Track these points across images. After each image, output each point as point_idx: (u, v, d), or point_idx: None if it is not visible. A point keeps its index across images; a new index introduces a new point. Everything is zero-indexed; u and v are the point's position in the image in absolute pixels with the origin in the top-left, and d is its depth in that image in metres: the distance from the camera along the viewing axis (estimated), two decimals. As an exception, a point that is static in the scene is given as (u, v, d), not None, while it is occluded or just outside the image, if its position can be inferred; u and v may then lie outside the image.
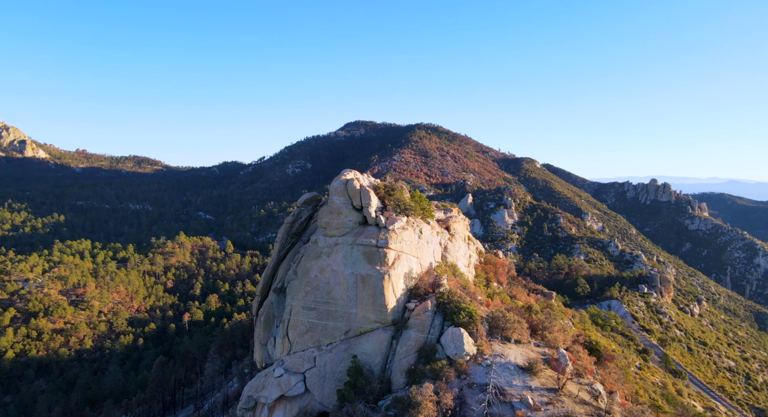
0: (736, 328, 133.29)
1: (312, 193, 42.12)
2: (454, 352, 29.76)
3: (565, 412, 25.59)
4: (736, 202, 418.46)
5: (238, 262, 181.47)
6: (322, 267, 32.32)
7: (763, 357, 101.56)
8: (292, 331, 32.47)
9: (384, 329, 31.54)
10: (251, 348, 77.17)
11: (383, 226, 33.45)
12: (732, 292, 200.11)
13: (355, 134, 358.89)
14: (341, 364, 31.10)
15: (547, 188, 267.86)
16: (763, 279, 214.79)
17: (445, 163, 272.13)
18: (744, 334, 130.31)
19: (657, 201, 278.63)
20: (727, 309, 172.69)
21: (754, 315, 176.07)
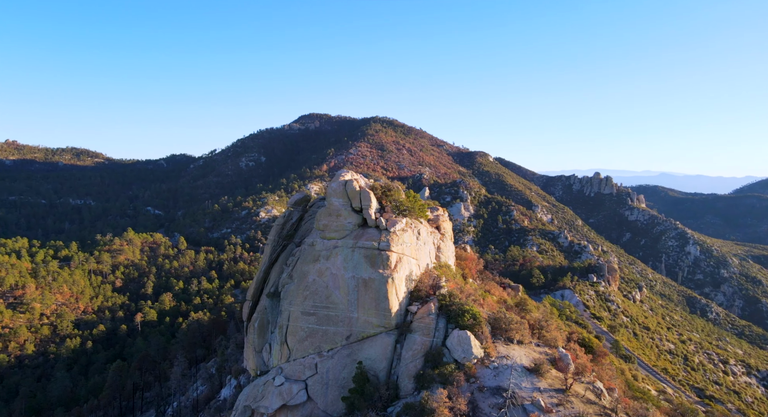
0: (672, 312, 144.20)
1: (302, 193, 41.14)
2: (462, 355, 29.55)
3: (576, 413, 25.71)
4: (668, 193, 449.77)
5: (192, 258, 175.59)
6: (321, 271, 31.67)
7: (697, 339, 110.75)
8: (291, 338, 31.65)
9: (387, 333, 31.14)
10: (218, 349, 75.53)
11: (384, 228, 32.86)
12: (666, 278, 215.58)
13: (309, 127, 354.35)
14: (344, 371, 30.53)
15: (499, 181, 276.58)
16: (693, 266, 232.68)
17: (401, 156, 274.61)
18: (679, 318, 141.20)
19: (600, 193, 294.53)
20: (662, 294, 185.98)
21: (686, 299, 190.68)
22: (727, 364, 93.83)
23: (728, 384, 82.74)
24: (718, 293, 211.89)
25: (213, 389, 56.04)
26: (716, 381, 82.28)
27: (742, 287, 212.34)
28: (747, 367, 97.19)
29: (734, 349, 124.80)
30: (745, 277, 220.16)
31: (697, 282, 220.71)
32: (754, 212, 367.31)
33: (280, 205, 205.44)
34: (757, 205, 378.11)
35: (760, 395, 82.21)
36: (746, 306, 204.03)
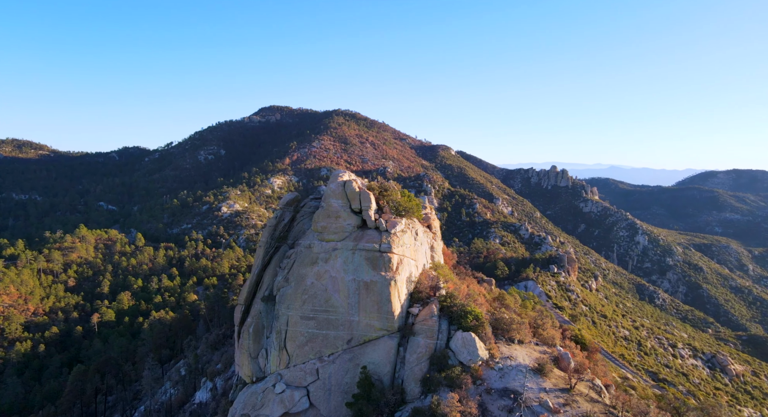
0: (624, 299, 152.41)
1: (293, 193, 39.94)
2: (468, 357, 29.14)
3: (583, 413, 25.76)
4: (618, 185, 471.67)
5: (151, 255, 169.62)
6: (319, 274, 30.79)
7: (648, 324, 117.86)
8: (290, 343, 30.69)
9: (390, 336, 30.35)
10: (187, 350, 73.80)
11: (384, 229, 32.01)
12: (618, 267, 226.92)
13: (270, 120, 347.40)
14: (347, 376, 29.73)
15: (462, 175, 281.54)
16: (642, 254, 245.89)
17: (364, 150, 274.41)
18: (631, 305, 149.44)
19: (557, 186, 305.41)
20: (615, 283, 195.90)
21: (636, 286, 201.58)
22: (675, 348, 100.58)
23: (677, 367, 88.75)
24: (664, 280, 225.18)
25: (186, 392, 54.76)
26: (667, 364, 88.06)
27: (686, 274, 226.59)
28: (693, 350, 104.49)
29: (680, 333, 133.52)
30: (688, 265, 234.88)
31: (645, 270, 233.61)
32: (695, 203, 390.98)
33: (243, 200, 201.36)
34: (697, 197, 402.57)
35: (705, 376, 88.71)
36: (689, 292, 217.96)
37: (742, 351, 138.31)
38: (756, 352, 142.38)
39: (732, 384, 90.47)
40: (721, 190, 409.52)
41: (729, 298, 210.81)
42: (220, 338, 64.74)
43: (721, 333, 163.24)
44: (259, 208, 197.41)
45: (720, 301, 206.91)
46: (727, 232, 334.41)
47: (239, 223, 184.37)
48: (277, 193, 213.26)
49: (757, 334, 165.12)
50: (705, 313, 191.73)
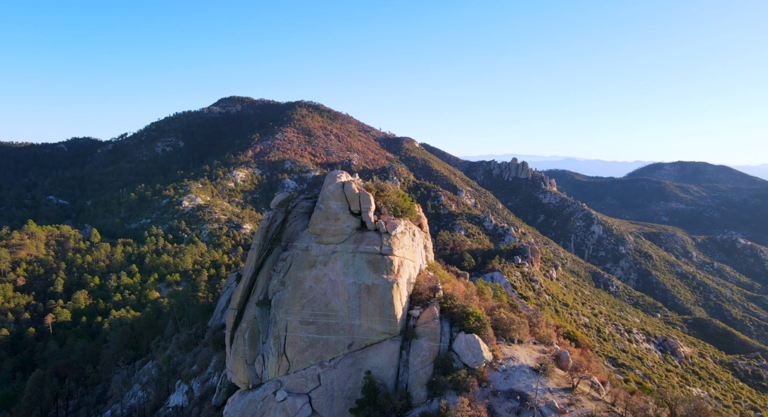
0: (582, 287, 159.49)
1: (285, 193, 38.87)
2: (473, 360, 28.89)
3: (588, 412, 25.93)
4: (574, 177, 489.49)
5: (109, 252, 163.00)
6: (318, 277, 30.06)
7: (605, 311, 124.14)
8: (290, 349, 29.87)
9: (392, 340, 29.80)
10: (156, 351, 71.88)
11: (384, 231, 31.38)
12: (575, 256, 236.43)
13: (231, 111, 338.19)
14: (349, 381, 29.15)
15: (426, 167, 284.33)
16: (597, 244, 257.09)
17: (329, 142, 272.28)
18: (588, 293, 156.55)
19: (517, 178, 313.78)
20: (573, 271, 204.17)
21: (592, 275, 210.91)
22: (631, 333, 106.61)
23: (633, 351, 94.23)
24: (617, 268, 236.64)
25: (159, 396, 53.43)
26: (623, 349, 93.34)
27: (637, 262, 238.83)
28: (647, 334, 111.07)
29: (633, 319, 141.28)
30: (639, 253, 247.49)
31: (600, 258, 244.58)
32: (644, 194, 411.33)
33: (205, 194, 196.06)
34: (646, 188, 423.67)
35: (658, 359, 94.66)
36: (640, 278, 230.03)
37: (689, 333, 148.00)
38: (700, 334, 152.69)
39: (681, 365, 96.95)
40: (668, 181, 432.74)
41: (675, 283, 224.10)
42: (191, 338, 63.41)
43: (669, 317, 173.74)
44: (222, 202, 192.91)
45: (667, 286, 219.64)
46: (673, 221, 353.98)
47: (202, 217, 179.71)
48: (240, 186, 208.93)
49: (701, 317, 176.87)
50: (654, 298, 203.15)
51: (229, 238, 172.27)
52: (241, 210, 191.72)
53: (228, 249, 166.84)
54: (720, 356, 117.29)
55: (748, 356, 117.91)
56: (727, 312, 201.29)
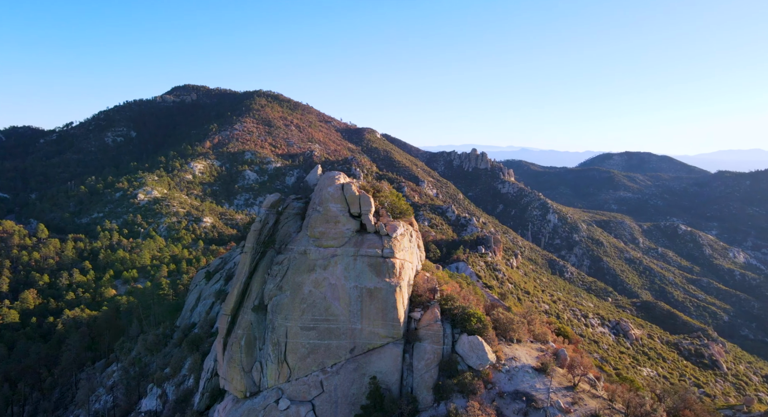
0: (541, 275, 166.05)
1: (276, 194, 37.70)
2: (477, 362, 28.75)
3: (591, 411, 26.20)
4: (530, 167, 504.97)
5: (58, 248, 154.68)
6: (317, 281, 29.41)
7: (563, 297, 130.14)
8: (291, 356, 29.11)
9: (395, 344, 29.38)
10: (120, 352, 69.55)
11: (385, 233, 30.83)
12: (533, 244, 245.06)
13: (186, 100, 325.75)
14: (353, 386, 28.67)
15: (388, 158, 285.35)
16: (553, 232, 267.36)
17: (289, 133, 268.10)
18: (546, 280, 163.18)
19: (477, 168, 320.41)
20: (530, 259, 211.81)
21: (548, 262, 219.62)
22: (587, 318, 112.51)
23: (590, 335, 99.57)
24: (571, 255, 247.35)
25: (129, 400, 51.92)
26: (581, 334, 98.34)
27: (589, 249, 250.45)
28: (601, 318, 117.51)
29: (588, 303, 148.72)
30: (591, 240, 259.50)
31: (555, 246, 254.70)
32: (595, 183, 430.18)
33: (161, 186, 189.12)
34: (597, 177, 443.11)
35: (612, 342, 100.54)
36: (592, 264, 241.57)
37: (637, 316, 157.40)
38: (647, 316, 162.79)
39: (633, 347, 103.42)
40: (616, 171, 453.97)
41: (624, 268, 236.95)
42: (159, 339, 61.80)
43: (619, 300, 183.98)
44: (180, 195, 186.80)
45: (617, 271, 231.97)
46: (622, 208, 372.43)
47: (159, 210, 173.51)
48: (199, 178, 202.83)
49: (647, 300, 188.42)
50: (605, 283, 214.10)
51: (188, 232, 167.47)
52: (201, 203, 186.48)
53: (188, 243, 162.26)
54: (666, 337, 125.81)
55: (690, 336, 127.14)
56: (670, 294, 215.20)
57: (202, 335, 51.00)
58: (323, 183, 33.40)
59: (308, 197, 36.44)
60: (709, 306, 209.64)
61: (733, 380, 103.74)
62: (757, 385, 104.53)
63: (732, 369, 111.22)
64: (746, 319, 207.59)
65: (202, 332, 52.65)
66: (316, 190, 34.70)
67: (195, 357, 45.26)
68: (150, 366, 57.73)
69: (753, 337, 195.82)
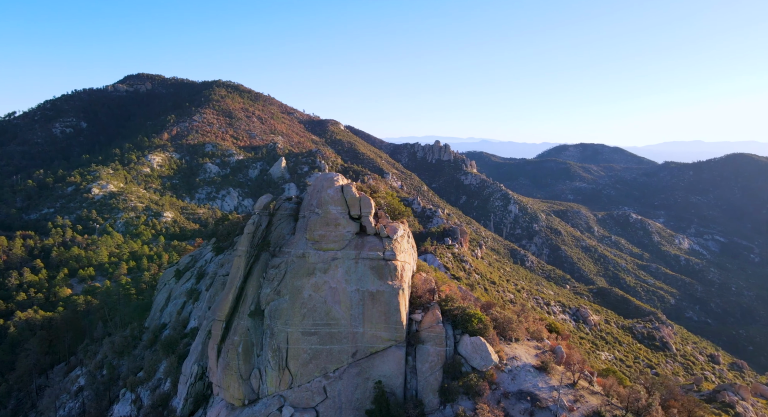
0: (504, 265, 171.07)
1: (268, 195, 36.55)
2: (481, 363, 28.83)
3: (593, 408, 26.64)
4: (491, 159, 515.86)
5: (5, 246, 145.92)
6: (317, 285, 28.83)
7: (526, 286, 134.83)
8: (293, 362, 28.49)
9: (398, 347, 29.07)
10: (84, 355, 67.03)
11: (385, 236, 30.43)
12: (495, 234, 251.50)
13: (140, 89, 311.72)
14: (357, 391, 28.25)
15: (352, 150, 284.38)
16: (514, 222, 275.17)
17: (251, 124, 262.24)
18: (509, 269, 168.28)
19: (440, 160, 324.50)
20: (493, 249, 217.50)
21: (510, 251, 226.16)
22: (549, 306, 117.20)
23: (552, 323, 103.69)
24: (531, 244, 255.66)
25: (100, 406, 50.20)
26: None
27: (548, 238, 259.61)
28: (562, 306, 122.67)
29: (548, 291, 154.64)
30: (550, 229, 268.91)
31: (517, 236, 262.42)
32: (553, 174, 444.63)
33: (117, 180, 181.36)
34: (554, 168, 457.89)
35: (572, 328, 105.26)
36: (551, 253, 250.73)
37: (593, 302, 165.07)
38: (603, 301, 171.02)
39: (592, 332, 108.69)
40: (572, 162, 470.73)
41: (581, 256, 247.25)
42: (128, 341, 59.98)
43: (577, 287, 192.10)
44: (138, 189, 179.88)
45: (574, 259, 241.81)
46: (578, 198, 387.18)
47: (116, 205, 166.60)
48: (158, 171, 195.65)
49: (603, 287, 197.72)
50: (563, 271, 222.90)
51: (148, 227, 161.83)
52: (160, 197, 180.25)
53: (148, 239, 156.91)
54: (621, 321, 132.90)
55: (643, 319, 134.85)
56: (623, 280, 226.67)
57: (175, 337, 49.95)
58: (321, 185, 32.74)
59: (300, 197, 35.87)
60: (657, 290, 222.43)
61: (682, 360, 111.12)
62: (703, 364, 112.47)
63: (680, 350, 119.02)
64: (690, 302, 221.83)
65: (175, 333, 51.57)
66: (311, 191, 34.04)
67: (171, 360, 44.32)
68: (119, 369, 56.10)
69: (697, 318, 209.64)
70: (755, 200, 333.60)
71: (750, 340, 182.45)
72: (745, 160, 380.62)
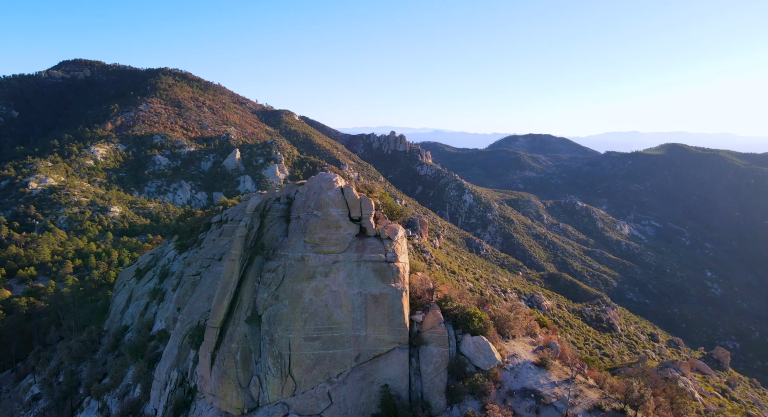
0: (461, 254, 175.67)
1: (258, 197, 35.33)
2: (485, 362, 28.86)
3: (593, 402, 26.97)
4: (444, 149, 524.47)
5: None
6: (318, 289, 28.29)
7: (483, 274, 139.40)
8: (296, 368, 27.80)
9: (401, 349, 28.64)
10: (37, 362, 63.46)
11: (386, 237, 29.98)
12: (451, 224, 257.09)
13: (78, 76, 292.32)
14: (362, 395, 27.75)
15: (307, 141, 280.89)
16: (468, 211, 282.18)
17: (202, 115, 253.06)
18: (466, 258, 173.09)
19: (396, 151, 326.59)
20: (449, 238, 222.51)
21: (466, 240, 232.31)
22: (506, 293, 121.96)
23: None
24: (485, 233, 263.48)
25: (60, 416, 47.98)
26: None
27: (501, 226, 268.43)
28: (518, 292, 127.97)
29: (503, 278, 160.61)
30: (503, 218, 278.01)
31: (471, 225, 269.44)
32: (504, 164, 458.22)
33: (57, 173, 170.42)
34: (505, 158, 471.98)
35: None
36: (504, 241, 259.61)
37: (545, 287, 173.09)
38: (554, 286, 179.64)
39: (546, 317, 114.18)
40: (522, 152, 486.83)
41: (532, 243, 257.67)
42: (86, 346, 57.39)
43: (529, 274, 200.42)
44: (82, 183, 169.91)
45: (526, 247, 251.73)
46: (528, 187, 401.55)
47: (57, 200, 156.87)
48: (102, 164, 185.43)
49: (553, 272, 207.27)
50: (516, 258, 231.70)
51: (94, 223, 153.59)
52: (107, 191, 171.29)
53: (95, 236, 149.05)
54: (571, 305, 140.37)
55: (591, 303, 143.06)
56: (570, 266, 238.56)
57: (142, 340, 48.37)
58: (319, 186, 31.99)
59: (289, 198, 34.88)
60: (602, 274, 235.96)
61: (626, 340, 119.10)
62: (645, 343, 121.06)
63: (625, 330, 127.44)
64: (631, 284, 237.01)
65: (141, 336, 49.87)
66: (306, 192, 33.31)
67: (140, 365, 42.93)
68: (79, 376, 53.77)
69: (636, 300, 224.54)
70: (686, 187, 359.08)
71: (683, 318, 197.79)
72: (677, 150, 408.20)
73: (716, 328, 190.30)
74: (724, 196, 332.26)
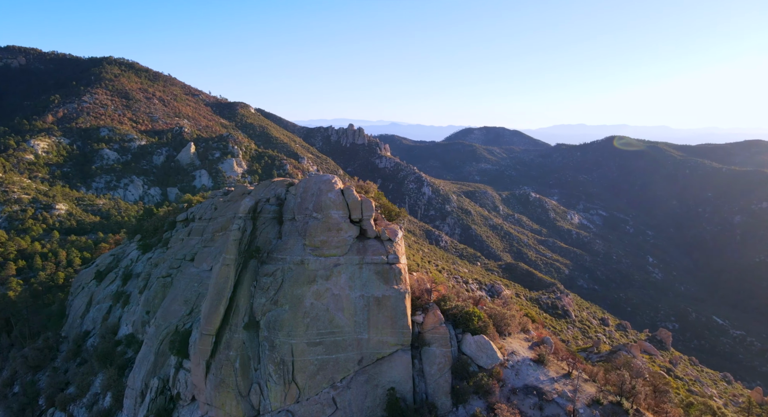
0: (422, 246, 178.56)
1: (251, 199, 34.16)
2: (488, 361, 29.14)
3: (591, 396, 27.53)
4: (402, 142, 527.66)
5: None
6: (318, 293, 27.89)
7: (446, 266, 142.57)
8: (300, 375, 27.30)
9: (404, 351, 28.63)
10: None
11: (387, 239, 29.84)
12: (411, 216, 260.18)
13: (11, 64, 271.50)
14: (367, 399, 27.55)
15: (264, 134, 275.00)
16: (427, 204, 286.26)
17: (152, 107, 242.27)
18: (427, 250, 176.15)
19: (355, 144, 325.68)
20: (410, 231, 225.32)
21: (426, 233, 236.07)
22: (468, 284, 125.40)
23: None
24: (444, 225, 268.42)
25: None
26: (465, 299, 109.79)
27: (460, 218, 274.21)
28: (479, 283, 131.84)
29: (463, 269, 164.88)
30: (461, 210, 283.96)
31: (431, 217, 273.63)
32: (461, 156, 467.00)
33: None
34: (462, 150, 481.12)
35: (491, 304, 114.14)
36: (462, 232, 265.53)
37: (502, 277, 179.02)
38: (511, 276, 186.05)
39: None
40: (478, 144, 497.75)
41: (489, 234, 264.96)
42: (43, 354, 54.68)
43: (487, 264, 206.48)
44: (22, 179, 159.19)
45: (483, 237, 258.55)
46: (484, 179, 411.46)
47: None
48: (44, 158, 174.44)
49: (509, 262, 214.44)
50: (474, 249, 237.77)
51: (38, 221, 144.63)
52: (50, 187, 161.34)
53: (39, 235, 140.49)
54: (528, 294, 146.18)
55: (547, 291, 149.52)
56: (525, 255, 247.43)
57: (108, 345, 46.71)
58: (318, 187, 31.54)
59: (279, 198, 34.20)
60: (554, 263, 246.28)
61: (580, 325, 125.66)
62: (596, 327, 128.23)
63: (578, 316, 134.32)
64: (581, 272, 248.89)
65: (106, 342, 48.09)
66: (301, 194, 32.80)
67: (110, 372, 41.41)
68: (37, 386, 51.27)
69: (587, 286, 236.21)
70: (629, 178, 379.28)
71: (629, 302, 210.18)
72: (620, 142, 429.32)
73: (658, 310, 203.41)
74: (662, 185, 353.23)
